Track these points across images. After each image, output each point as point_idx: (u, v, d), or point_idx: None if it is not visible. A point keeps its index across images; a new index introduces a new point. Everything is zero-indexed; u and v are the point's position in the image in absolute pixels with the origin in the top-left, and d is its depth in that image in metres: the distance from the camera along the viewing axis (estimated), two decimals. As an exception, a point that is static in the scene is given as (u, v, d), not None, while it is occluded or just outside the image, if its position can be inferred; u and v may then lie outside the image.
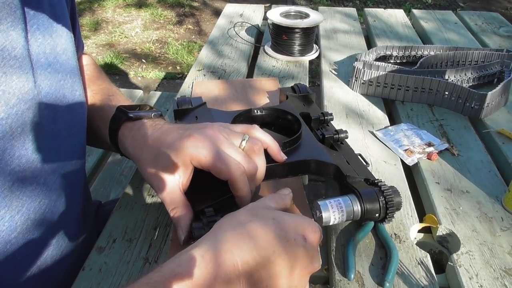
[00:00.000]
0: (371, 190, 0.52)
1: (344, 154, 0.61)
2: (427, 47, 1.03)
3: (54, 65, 0.50)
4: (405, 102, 0.88)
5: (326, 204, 0.51)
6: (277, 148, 0.55)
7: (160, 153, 0.49)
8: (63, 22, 0.52)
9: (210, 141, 0.48)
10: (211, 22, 3.47)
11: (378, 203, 0.51)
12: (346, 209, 0.51)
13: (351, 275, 0.49)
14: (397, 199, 0.52)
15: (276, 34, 1.05)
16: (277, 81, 0.92)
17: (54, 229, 0.53)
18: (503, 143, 0.76)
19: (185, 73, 2.71)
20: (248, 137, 0.51)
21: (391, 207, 0.51)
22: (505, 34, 1.25)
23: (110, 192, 1.07)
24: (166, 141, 0.50)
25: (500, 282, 0.50)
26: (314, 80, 2.28)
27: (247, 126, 0.54)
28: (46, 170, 0.49)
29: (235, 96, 0.85)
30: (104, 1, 3.78)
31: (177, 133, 0.50)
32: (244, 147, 0.51)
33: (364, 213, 0.51)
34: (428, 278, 0.50)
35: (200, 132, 0.49)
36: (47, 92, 0.48)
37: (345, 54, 1.09)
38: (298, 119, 0.63)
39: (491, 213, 0.60)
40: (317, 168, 0.58)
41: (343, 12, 1.39)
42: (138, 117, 0.55)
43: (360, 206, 0.51)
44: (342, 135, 0.63)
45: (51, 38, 0.50)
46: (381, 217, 0.52)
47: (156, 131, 0.53)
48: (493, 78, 0.95)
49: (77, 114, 0.55)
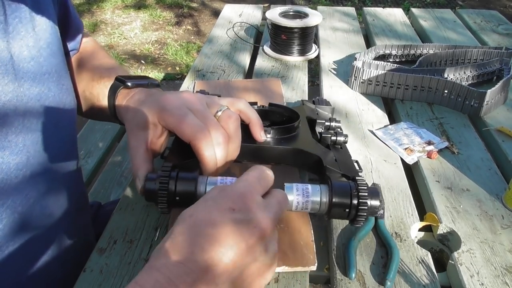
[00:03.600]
0: (345, 184, 0.47)
1: (336, 154, 0.57)
2: (426, 46, 1.03)
3: (38, 59, 0.49)
4: (404, 100, 0.88)
5: (292, 187, 0.47)
6: (259, 125, 0.54)
7: (137, 112, 0.52)
8: (47, 15, 0.52)
9: (182, 103, 0.49)
10: (210, 23, 3.47)
11: (350, 200, 0.46)
12: (312, 198, 0.46)
13: (352, 274, 0.49)
14: (372, 201, 0.46)
15: (275, 34, 1.05)
16: (279, 81, 0.92)
17: (45, 223, 0.52)
18: (502, 141, 0.76)
19: (184, 73, 2.71)
20: (225, 108, 0.51)
21: (363, 208, 0.45)
22: (504, 32, 1.25)
23: (111, 193, 1.07)
24: (145, 102, 0.52)
25: (501, 280, 0.50)
26: (313, 80, 2.28)
27: (233, 99, 0.54)
28: (31, 163, 0.48)
29: (237, 96, 0.85)
30: (102, 3, 3.78)
31: (157, 95, 0.52)
32: (218, 116, 0.50)
33: (331, 207, 0.46)
34: (429, 277, 0.50)
35: (175, 95, 0.51)
36: (30, 85, 0.48)
37: (344, 53, 1.09)
38: (298, 116, 0.62)
39: (491, 211, 0.60)
40: (300, 159, 0.55)
41: (342, 12, 1.39)
42: (135, 85, 0.57)
43: (328, 198, 0.46)
44: (340, 137, 0.59)
45: (33, 31, 0.49)
46: (350, 216, 0.47)
47: (145, 96, 0.54)
48: (492, 76, 0.95)
49: (64, 108, 0.55)
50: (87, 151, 1.19)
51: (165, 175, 0.46)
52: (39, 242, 0.52)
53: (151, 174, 0.48)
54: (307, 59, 1.07)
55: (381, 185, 0.64)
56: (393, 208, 0.60)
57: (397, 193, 0.63)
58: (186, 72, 2.21)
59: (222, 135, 0.48)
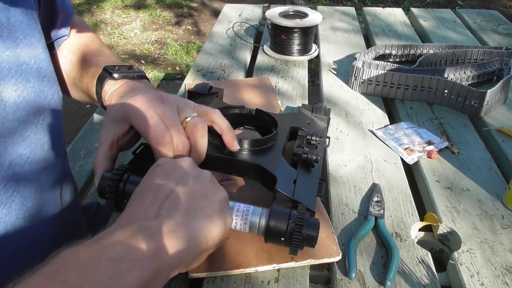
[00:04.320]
0: (285, 212, 0.47)
1: (300, 174, 0.55)
2: (426, 46, 1.03)
3: (14, 49, 0.48)
4: (404, 100, 0.88)
5: (234, 206, 0.48)
6: (231, 136, 0.54)
7: (114, 106, 0.53)
8: (23, 5, 0.50)
9: (150, 106, 0.50)
10: (209, 23, 3.47)
11: (286, 227, 0.46)
12: (250, 219, 0.47)
13: (352, 274, 0.49)
14: (309, 232, 0.46)
15: (275, 34, 1.05)
16: (269, 79, 0.92)
17: (28, 216, 0.51)
18: (503, 140, 0.76)
19: (184, 73, 2.71)
20: (194, 115, 0.51)
21: (297, 237, 0.46)
22: (504, 32, 1.25)
23: (110, 194, 1.06)
24: (124, 97, 0.53)
25: (501, 280, 0.50)
26: (313, 80, 2.28)
27: (207, 108, 0.55)
28: (10, 153, 0.47)
29: (230, 95, 0.85)
30: (102, 3, 3.78)
31: (133, 93, 0.53)
32: (186, 123, 0.51)
33: (267, 230, 0.47)
34: (429, 277, 0.50)
35: (146, 95, 0.51)
36: (7, 71, 0.47)
37: (344, 53, 1.09)
38: (276, 126, 0.61)
39: (491, 211, 0.60)
40: (259, 175, 0.55)
41: (342, 11, 1.39)
42: (121, 77, 0.58)
43: (266, 221, 0.47)
44: (309, 156, 0.57)
45: (8, 22, 0.48)
46: (284, 242, 0.47)
47: (126, 90, 0.55)
48: (493, 76, 0.95)
49: (46, 99, 0.54)
50: (87, 151, 1.18)
51: (116, 178, 0.48)
52: (22, 233, 0.50)
53: (106, 173, 0.50)
54: (307, 59, 1.07)
55: (381, 185, 0.64)
56: (393, 208, 0.60)
57: (397, 193, 0.63)
58: (186, 72, 2.22)
59: (182, 142, 0.49)
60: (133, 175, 0.49)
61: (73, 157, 0.94)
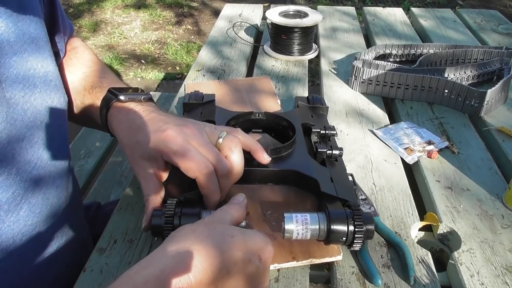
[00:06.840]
0: (341, 212, 0.49)
1: (332, 171, 0.58)
2: (427, 45, 1.03)
3: (21, 54, 0.49)
4: (404, 100, 0.88)
5: (292, 217, 0.48)
6: (260, 149, 0.55)
7: (138, 141, 0.52)
8: (29, 10, 0.51)
9: (183, 138, 0.49)
10: (210, 22, 3.46)
11: (346, 227, 0.48)
12: (311, 226, 0.48)
13: (378, 281, 0.48)
14: (368, 226, 0.48)
15: (275, 34, 1.05)
16: (268, 79, 0.92)
17: (34, 221, 0.51)
18: (503, 140, 0.76)
19: (184, 73, 2.71)
20: (225, 134, 0.52)
21: (360, 234, 0.48)
22: (504, 32, 1.25)
23: (111, 193, 1.07)
24: (144, 131, 0.52)
25: (502, 280, 0.50)
26: (313, 79, 2.28)
27: (229, 129, 0.55)
28: (18, 160, 0.48)
29: (229, 96, 0.85)
30: (103, 2, 3.78)
31: (156, 125, 0.52)
32: (220, 144, 0.51)
33: (329, 234, 0.48)
34: (429, 276, 0.50)
35: (176, 129, 0.51)
36: (14, 77, 0.47)
37: (345, 53, 1.09)
38: (294, 128, 0.63)
39: (491, 210, 0.60)
40: (298, 180, 0.57)
41: (342, 11, 1.39)
42: (127, 100, 0.57)
43: (326, 226, 0.48)
44: (336, 151, 0.60)
45: (16, 26, 0.48)
46: (348, 242, 0.48)
47: (141, 118, 0.54)
48: (493, 75, 0.95)
49: (53, 103, 0.54)
50: (87, 151, 1.19)
51: (170, 213, 0.47)
52: (29, 240, 0.51)
53: (156, 211, 0.49)
54: (307, 58, 1.07)
55: (381, 185, 0.64)
56: (393, 208, 0.60)
57: (397, 193, 0.63)
58: (186, 72, 2.21)
59: (225, 167, 0.49)
60: (184, 208, 0.48)
61: (73, 157, 0.94)
